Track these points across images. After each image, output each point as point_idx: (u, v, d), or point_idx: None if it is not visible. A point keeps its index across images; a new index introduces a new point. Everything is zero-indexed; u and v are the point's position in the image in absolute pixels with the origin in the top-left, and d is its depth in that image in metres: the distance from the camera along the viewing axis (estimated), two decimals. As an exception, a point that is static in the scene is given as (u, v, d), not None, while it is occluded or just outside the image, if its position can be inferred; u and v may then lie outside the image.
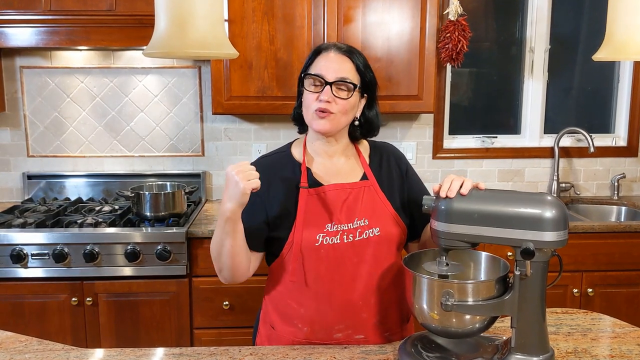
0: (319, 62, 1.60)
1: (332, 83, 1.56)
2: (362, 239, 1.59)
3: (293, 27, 2.82)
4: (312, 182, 1.62)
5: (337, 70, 1.57)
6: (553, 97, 3.49)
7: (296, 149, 1.70)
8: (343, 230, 1.58)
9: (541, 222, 1.28)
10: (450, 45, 3.02)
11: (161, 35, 0.91)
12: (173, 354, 1.50)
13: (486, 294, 1.33)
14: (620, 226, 2.87)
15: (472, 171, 3.42)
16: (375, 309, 1.63)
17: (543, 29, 3.37)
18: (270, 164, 1.66)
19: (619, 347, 1.52)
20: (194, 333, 2.77)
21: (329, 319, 1.60)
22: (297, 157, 1.68)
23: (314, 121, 1.59)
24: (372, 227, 1.60)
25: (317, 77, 1.57)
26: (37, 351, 1.51)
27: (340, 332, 1.61)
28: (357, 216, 1.60)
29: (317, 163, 1.66)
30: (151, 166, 3.24)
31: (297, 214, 1.58)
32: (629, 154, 3.47)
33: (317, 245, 1.56)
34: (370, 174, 1.67)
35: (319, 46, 1.65)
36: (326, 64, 1.59)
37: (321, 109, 1.56)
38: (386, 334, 1.67)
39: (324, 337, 1.61)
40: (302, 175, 1.62)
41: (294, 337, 1.63)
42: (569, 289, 2.88)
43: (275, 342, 1.67)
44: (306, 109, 1.61)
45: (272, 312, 1.70)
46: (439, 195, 1.38)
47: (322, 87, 1.56)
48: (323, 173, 1.65)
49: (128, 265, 2.63)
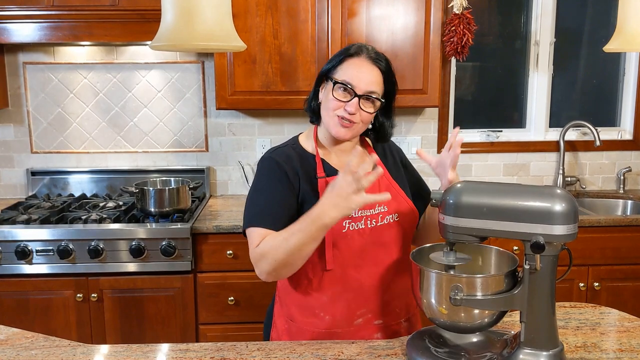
0: (349, 68, 1.58)
1: (360, 96, 1.56)
2: (384, 224, 1.64)
3: (297, 21, 2.80)
4: (329, 172, 1.64)
5: (368, 83, 1.57)
6: (558, 90, 3.46)
7: (306, 141, 1.70)
8: (367, 215, 1.61)
9: (551, 216, 1.26)
10: (455, 39, 3.00)
11: (168, 28, 0.90)
12: (180, 349, 1.50)
13: (495, 288, 1.32)
14: (627, 220, 2.85)
15: (477, 165, 3.41)
16: (395, 292, 1.67)
17: (548, 22, 3.34)
18: (288, 154, 1.65)
19: (629, 341, 1.51)
20: (199, 329, 2.77)
21: (351, 305, 1.63)
22: (309, 148, 1.68)
23: (335, 127, 1.59)
24: (391, 213, 1.65)
25: (347, 86, 1.56)
26: (43, 347, 1.50)
27: (361, 317, 1.64)
28: (377, 202, 1.62)
29: (330, 154, 1.68)
30: (155, 162, 3.23)
31: None
32: (635, 148, 3.45)
33: (344, 231, 1.58)
34: (380, 163, 1.70)
35: (348, 48, 1.61)
36: (358, 73, 1.56)
37: (346, 118, 1.57)
38: (403, 320, 1.71)
39: (344, 325, 1.64)
40: (318, 166, 1.63)
41: (314, 327, 1.64)
42: (576, 283, 2.87)
43: (295, 334, 1.67)
44: (327, 111, 1.60)
45: (290, 304, 1.69)
46: (446, 190, 1.37)
47: (350, 98, 1.56)
48: (337, 163, 1.67)
49: (133, 261, 2.62)
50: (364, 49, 1.60)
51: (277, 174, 1.60)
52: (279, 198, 1.57)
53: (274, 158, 1.62)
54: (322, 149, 1.68)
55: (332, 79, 1.58)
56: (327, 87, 1.61)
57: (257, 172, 1.66)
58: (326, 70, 1.62)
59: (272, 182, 1.60)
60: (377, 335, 1.66)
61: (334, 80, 1.57)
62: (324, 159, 1.66)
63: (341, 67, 1.59)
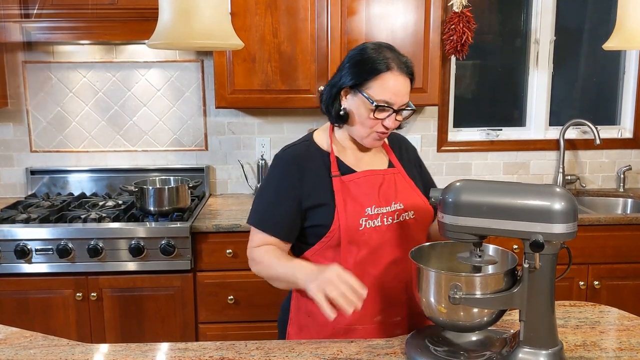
0: (384, 86, 1.54)
1: (397, 111, 1.57)
2: (400, 222, 1.64)
3: (296, 20, 2.80)
4: (344, 170, 1.64)
5: (403, 96, 1.57)
6: (558, 88, 3.46)
7: (321, 138, 1.69)
8: (383, 213, 1.62)
9: (551, 214, 1.26)
10: (455, 37, 2.99)
11: (165, 26, 0.90)
12: (179, 348, 1.49)
13: (494, 287, 1.32)
14: (627, 218, 2.85)
15: (477, 164, 3.40)
16: None
17: (548, 20, 3.34)
18: (299, 154, 1.65)
19: (628, 340, 1.50)
20: (199, 328, 2.77)
21: (370, 302, 1.62)
22: (324, 146, 1.67)
23: (372, 141, 1.62)
24: (407, 211, 1.66)
25: (386, 107, 1.55)
26: (42, 347, 1.50)
27: (380, 314, 1.65)
28: (394, 200, 1.64)
29: (345, 152, 1.68)
30: (154, 161, 3.23)
31: (336, 201, 1.59)
32: (635, 146, 3.44)
33: (360, 229, 1.59)
34: (396, 161, 1.72)
35: (376, 61, 1.55)
36: (395, 91, 1.55)
37: (383, 132, 1.59)
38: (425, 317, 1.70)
39: (364, 321, 1.64)
40: (332, 165, 1.63)
41: (334, 324, 1.64)
42: (575, 282, 2.87)
43: (313, 329, 1.67)
44: (363, 127, 1.60)
45: (308, 301, 1.68)
46: (446, 188, 1.37)
47: (387, 115, 1.56)
48: (352, 161, 1.67)
49: (132, 260, 2.62)
50: (393, 62, 1.55)
51: (288, 175, 1.62)
52: (284, 204, 1.61)
53: (288, 158, 1.65)
54: (337, 146, 1.68)
55: (364, 95, 1.55)
56: (357, 101, 1.57)
57: (270, 168, 1.68)
58: (353, 84, 1.58)
59: (281, 186, 1.63)
60: (398, 332, 1.65)
61: (373, 101, 1.54)
62: (338, 157, 1.66)
63: (374, 83, 1.55)
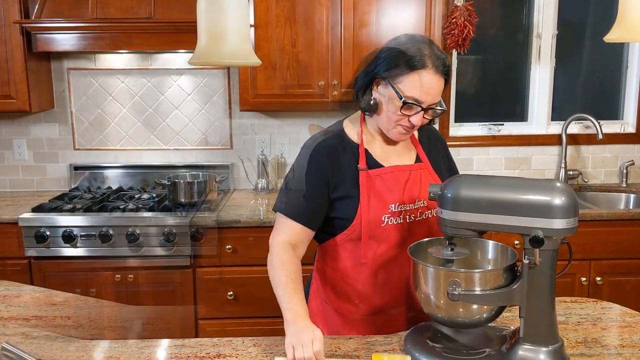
0: (415, 82, 1.50)
1: (426, 109, 1.54)
2: (422, 219, 1.63)
3: (313, 31, 2.93)
4: (372, 164, 1.62)
5: (434, 96, 1.53)
6: (560, 83, 3.43)
7: (351, 129, 1.66)
8: (406, 210, 1.60)
9: (551, 210, 1.24)
10: (456, 31, 2.98)
11: (202, 49, 1.26)
12: (175, 345, 1.49)
13: (494, 283, 1.31)
14: (629, 214, 2.83)
15: (479, 159, 3.39)
16: None
17: (550, 14, 3.31)
18: (331, 145, 1.62)
19: (630, 337, 1.49)
20: (198, 324, 2.78)
21: (386, 298, 1.63)
22: (354, 138, 1.65)
23: (397, 134, 1.59)
24: (430, 209, 1.63)
25: (414, 104, 1.51)
26: (41, 345, 1.50)
27: (395, 308, 1.65)
28: (418, 197, 1.62)
29: (374, 144, 1.65)
30: (184, 158, 3.43)
31: (361, 196, 1.57)
32: (638, 141, 3.42)
33: (382, 226, 1.58)
34: (423, 155, 1.69)
35: (411, 58, 1.50)
36: (426, 90, 1.50)
37: (408, 127, 1.56)
38: None
39: (379, 314, 1.64)
40: (361, 158, 1.61)
41: (349, 313, 1.65)
42: (577, 278, 2.85)
43: (330, 317, 1.68)
44: (389, 120, 1.57)
45: (326, 288, 1.70)
46: (444, 183, 1.35)
47: (415, 112, 1.53)
48: (381, 154, 1.64)
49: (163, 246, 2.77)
50: (429, 60, 1.50)
51: (320, 166, 1.59)
52: (313, 192, 1.58)
53: (319, 149, 1.61)
54: (366, 136, 1.65)
55: (395, 89, 1.51)
56: (388, 93, 1.54)
57: (299, 158, 1.64)
58: (386, 75, 1.54)
59: (311, 176, 1.60)
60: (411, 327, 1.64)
61: (402, 96, 1.50)
62: (367, 149, 1.63)
63: (407, 79, 1.50)
